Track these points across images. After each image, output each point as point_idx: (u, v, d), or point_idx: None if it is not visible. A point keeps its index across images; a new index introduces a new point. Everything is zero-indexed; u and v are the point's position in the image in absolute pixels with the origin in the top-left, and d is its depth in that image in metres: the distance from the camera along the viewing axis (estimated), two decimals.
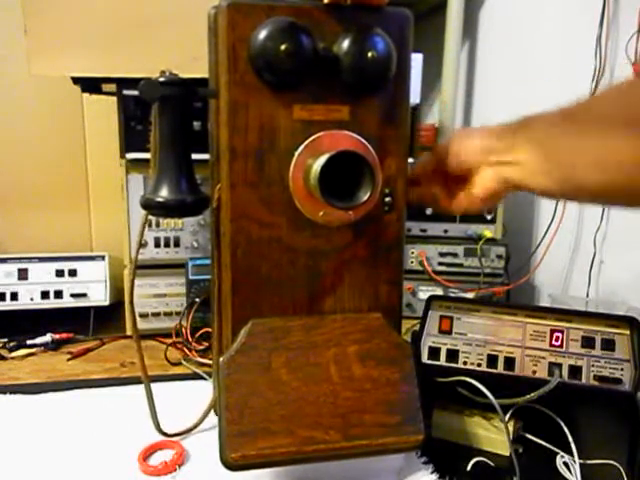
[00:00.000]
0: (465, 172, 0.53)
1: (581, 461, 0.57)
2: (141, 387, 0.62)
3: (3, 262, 0.95)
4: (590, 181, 0.43)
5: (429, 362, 0.62)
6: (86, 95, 1.01)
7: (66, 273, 0.96)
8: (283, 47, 0.46)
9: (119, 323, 0.94)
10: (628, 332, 0.58)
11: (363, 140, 0.50)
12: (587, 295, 0.98)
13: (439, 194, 0.56)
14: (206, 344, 0.85)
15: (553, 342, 0.60)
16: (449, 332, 0.63)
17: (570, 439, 0.59)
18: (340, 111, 0.50)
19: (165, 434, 0.61)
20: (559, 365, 0.59)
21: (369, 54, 0.47)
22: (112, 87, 0.90)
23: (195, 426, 0.62)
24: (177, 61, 0.58)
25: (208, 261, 0.62)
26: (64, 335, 0.90)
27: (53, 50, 0.81)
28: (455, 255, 1.02)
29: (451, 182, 0.55)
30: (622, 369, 0.57)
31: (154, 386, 0.62)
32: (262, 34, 0.46)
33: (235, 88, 0.47)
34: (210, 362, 0.78)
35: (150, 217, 0.60)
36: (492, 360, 0.61)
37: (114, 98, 0.90)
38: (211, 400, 0.62)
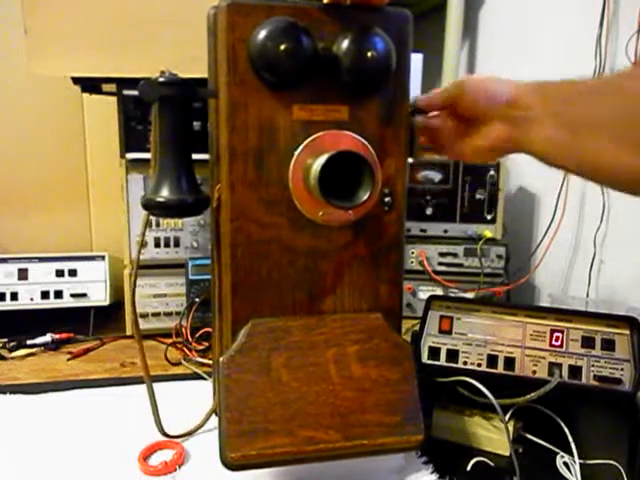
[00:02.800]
0: (477, 117, 0.51)
1: (581, 461, 0.57)
2: (141, 387, 0.62)
3: (3, 262, 0.95)
4: (601, 166, 0.43)
5: (429, 362, 0.62)
6: (86, 95, 1.01)
7: (66, 273, 0.96)
8: (283, 47, 0.46)
9: (119, 323, 0.94)
10: (628, 332, 0.58)
11: (363, 140, 0.50)
12: (587, 295, 0.98)
13: (442, 132, 0.55)
14: (206, 344, 0.85)
15: (553, 342, 0.60)
16: (449, 332, 0.63)
17: (570, 439, 0.59)
18: (340, 111, 0.50)
19: (168, 435, 0.60)
20: (559, 365, 0.59)
21: (369, 54, 0.47)
22: (112, 87, 0.89)
23: (197, 428, 0.62)
24: (177, 61, 0.58)
25: (208, 261, 0.62)
26: (64, 335, 0.90)
27: (53, 50, 0.81)
28: (455, 255, 1.02)
29: (458, 123, 0.53)
30: (622, 369, 0.57)
31: (154, 386, 0.62)
32: (262, 34, 0.46)
33: (235, 88, 0.47)
34: (210, 362, 0.78)
35: (150, 217, 0.60)
36: (492, 360, 0.61)
37: (114, 98, 0.89)
38: (213, 402, 0.62)
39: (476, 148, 0.52)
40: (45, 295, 0.95)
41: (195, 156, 0.51)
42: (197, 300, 0.89)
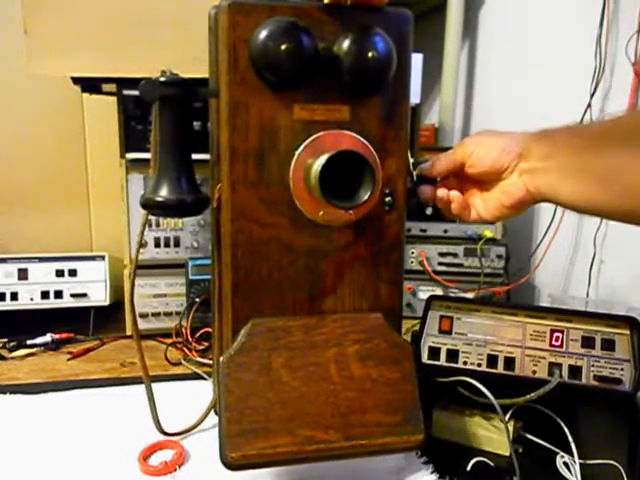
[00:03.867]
0: (489, 177, 0.51)
1: (581, 461, 0.57)
2: (141, 387, 0.62)
3: (3, 262, 0.95)
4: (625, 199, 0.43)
5: (429, 362, 0.62)
6: (86, 95, 1.01)
7: (66, 273, 0.96)
8: (284, 47, 0.46)
9: (119, 323, 0.94)
10: (628, 332, 0.58)
11: (363, 140, 0.50)
12: (587, 295, 0.98)
13: (454, 200, 0.54)
14: (206, 344, 0.85)
15: (553, 342, 0.60)
16: (449, 332, 0.63)
17: (570, 439, 0.59)
18: (340, 111, 0.50)
19: (166, 433, 0.61)
20: (559, 365, 0.59)
21: (369, 54, 0.47)
22: (112, 87, 0.89)
23: (195, 426, 0.62)
24: (177, 61, 0.58)
25: (208, 261, 0.62)
26: (64, 335, 0.90)
27: (53, 50, 0.81)
28: (455, 255, 1.02)
29: (468, 187, 0.53)
30: (622, 369, 0.57)
31: (154, 386, 0.62)
32: (263, 34, 0.46)
33: (236, 88, 0.48)
34: (210, 362, 0.78)
35: (150, 217, 0.60)
36: (492, 360, 0.61)
37: (114, 98, 0.89)
38: (211, 400, 0.62)
39: (495, 207, 0.52)
40: (45, 295, 0.95)
41: (195, 156, 0.51)
42: (197, 300, 0.89)
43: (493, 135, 0.52)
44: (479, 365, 0.61)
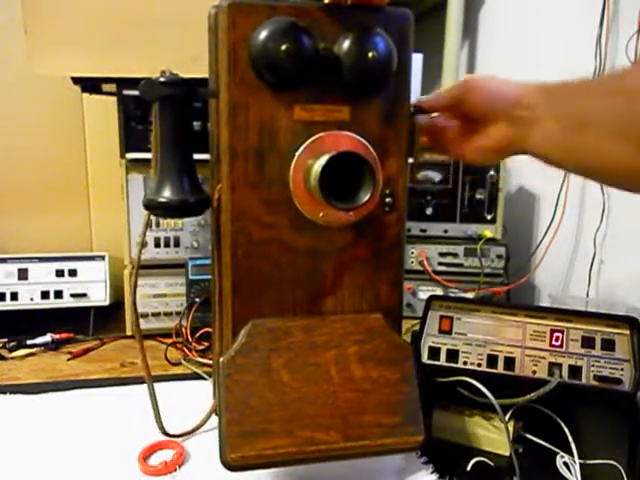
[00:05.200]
0: (481, 118, 0.51)
1: (581, 461, 0.57)
2: (141, 387, 0.62)
3: (3, 262, 0.95)
4: (599, 163, 0.44)
5: (429, 362, 0.62)
6: (86, 95, 1.01)
7: (66, 273, 0.96)
8: (284, 47, 0.46)
9: (119, 323, 0.94)
10: (628, 332, 0.58)
11: (363, 140, 0.50)
12: (587, 295, 0.98)
13: (445, 132, 0.54)
14: (206, 344, 0.85)
15: (553, 342, 0.60)
16: (449, 332, 0.63)
17: (570, 439, 0.59)
18: (341, 111, 0.50)
19: (168, 435, 0.60)
20: (559, 365, 0.59)
21: (369, 54, 0.47)
22: (112, 87, 0.89)
23: (198, 427, 0.62)
24: (177, 61, 0.58)
25: (208, 261, 0.62)
26: (64, 335, 0.90)
27: (53, 50, 0.81)
28: (455, 255, 1.02)
29: (463, 122, 0.53)
30: (622, 369, 0.57)
31: (154, 386, 0.62)
32: (263, 34, 0.46)
33: (235, 88, 0.47)
34: (210, 362, 0.78)
35: (150, 217, 0.60)
36: (492, 360, 0.61)
37: (114, 98, 0.89)
38: (213, 402, 0.62)
39: (479, 148, 0.52)
40: (45, 295, 0.95)
41: (195, 156, 0.51)
42: (197, 300, 0.89)
43: (493, 81, 0.52)
44: (479, 365, 0.61)
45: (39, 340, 0.88)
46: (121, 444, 0.60)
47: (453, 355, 0.62)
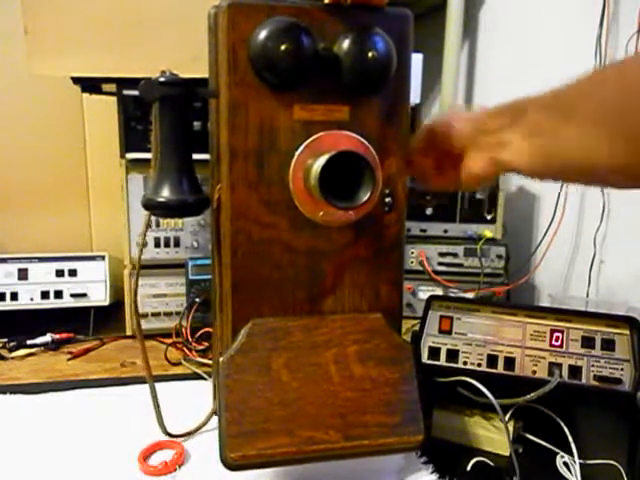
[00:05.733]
0: (457, 151, 0.52)
1: (581, 461, 0.57)
2: (141, 387, 0.62)
3: (3, 262, 0.95)
4: (575, 167, 0.44)
5: (429, 362, 0.62)
6: (86, 95, 1.01)
7: (66, 273, 0.96)
8: (283, 47, 0.46)
9: (119, 323, 0.94)
10: (628, 332, 0.58)
11: (363, 140, 0.50)
12: (587, 295, 0.98)
13: (431, 171, 0.55)
14: (206, 344, 0.85)
15: (553, 342, 0.60)
16: (449, 332, 0.63)
17: (570, 439, 0.59)
18: (340, 111, 0.50)
19: (170, 435, 0.60)
20: (559, 365, 0.59)
21: (369, 54, 0.47)
22: (112, 87, 0.90)
23: (199, 427, 0.62)
24: (177, 61, 0.58)
25: (208, 261, 0.62)
26: (64, 335, 0.90)
27: (53, 50, 0.81)
28: (455, 255, 1.02)
29: (443, 158, 0.54)
30: (622, 369, 0.57)
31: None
32: (262, 34, 0.46)
33: (235, 88, 0.47)
34: (210, 362, 0.78)
35: (151, 217, 0.60)
36: (492, 360, 0.61)
37: (114, 98, 0.90)
38: (214, 403, 0.62)
39: (466, 179, 0.53)
40: (45, 295, 0.95)
41: (195, 156, 0.51)
42: (197, 300, 0.89)
43: (455, 115, 0.54)
44: (479, 365, 0.61)
45: (39, 340, 0.88)
46: (121, 444, 0.60)
47: (453, 355, 0.62)
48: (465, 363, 0.62)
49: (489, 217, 1.03)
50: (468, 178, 0.53)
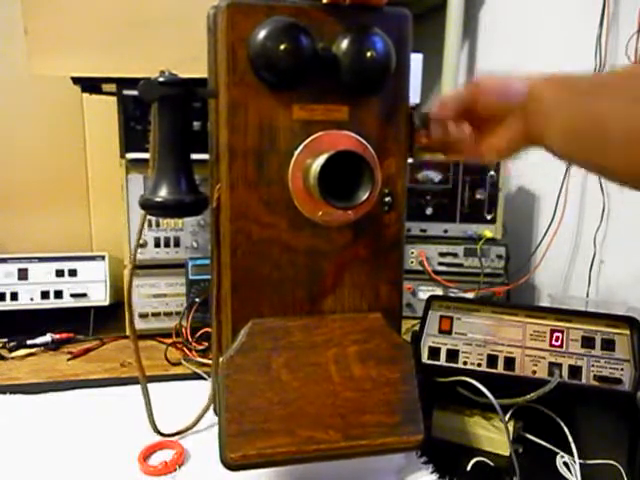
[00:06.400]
0: (493, 117, 0.50)
1: (581, 461, 0.57)
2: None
3: (3, 262, 0.95)
4: (614, 165, 0.42)
5: (429, 362, 0.62)
6: (86, 95, 1.01)
7: (66, 273, 0.96)
8: (282, 47, 0.46)
9: (119, 323, 0.94)
10: (628, 332, 0.58)
11: (362, 140, 0.50)
12: (587, 295, 0.98)
13: (457, 134, 0.53)
14: (206, 344, 0.85)
15: (553, 342, 0.60)
16: (449, 332, 0.63)
17: (570, 439, 0.59)
18: (339, 111, 0.50)
19: (162, 434, 0.60)
20: (559, 365, 0.59)
21: (368, 54, 0.47)
22: (112, 87, 0.90)
23: (192, 426, 0.62)
24: (177, 61, 0.58)
25: (208, 261, 0.62)
26: (64, 335, 0.90)
27: (53, 50, 0.81)
28: (455, 255, 1.02)
29: (474, 124, 0.52)
30: (622, 369, 0.57)
31: (154, 386, 0.62)
32: (261, 34, 0.46)
33: (234, 88, 0.47)
34: (210, 362, 0.78)
35: (150, 217, 0.60)
36: (492, 360, 0.61)
37: (114, 98, 0.90)
38: (207, 400, 0.62)
39: (493, 147, 0.51)
40: (45, 295, 0.95)
41: (195, 156, 0.51)
42: (197, 300, 0.89)
43: (502, 78, 0.51)
44: (479, 365, 0.61)
45: (39, 340, 0.88)
46: (121, 444, 0.60)
47: (453, 355, 0.62)
48: (465, 363, 0.62)
49: (489, 217, 1.03)
50: (500, 146, 0.50)
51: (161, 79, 0.47)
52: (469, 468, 0.58)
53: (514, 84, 0.50)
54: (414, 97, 1.01)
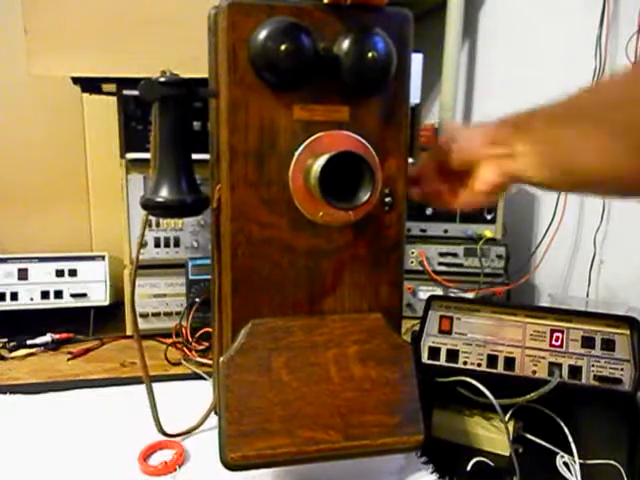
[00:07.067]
0: (467, 168, 0.52)
1: (581, 461, 0.57)
2: (141, 387, 0.62)
3: (3, 262, 0.95)
4: (587, 174, 0.44)
5: (429, 362, 0.62)
6: (86, 95, 1.01)
7: (66, 273, 0.96)
8: (283, 47, 0.46)
9: (119, 323, 0.94)
10: (628, 332, 0.58)
11: (363, 140, 0.50)
12: (587, 295, 0.98)
13: (440, 191, 0.55)
14: (206, 344, 0.85)
15: (553, 342, 0.60)
16: (449, 332, 0.63)
17: (570, 439, 0.59)
18: (340, 111, 0.50)
19: (166, 434, 0.61)
20: (559, 365, 0.59)
21: (369, 54, 0.47)
22: (112, 87, 0.89)
23: (196, 427, 0.62)
24: (177, 61, 0.58)
25: (208, 261, 0.62)
26: (64, 335, 0.90)
27: (53, 50, 0.81)
28: (455, 255, 1.02)
29: (453, 178, 0.54)
30: (622, 369, 0.57)
31: (154, 386, 0.62)
32: (262, 34, 0.46)
33: (235, 88, 0.47)
34: (210, 362, 0.78)
35: (150, 217, 0.60)
36: (492, 360, 0.61)
37: (114, 98, 0.89)
38: (212, 402, 0.62)
39: (476, 194, 0.53)
40: (45, 295, 0.95)
41: (195, 156, 0.51)
42: (197, 300, 0.89)
43: (465, 129, 0.54)
44: (479, 365, 0.61)
45: (39, 340, 0.88)
46: (121, 444, 0.60)
47: (453, 355, 0.62)
48: (465, 363, 0.62)
49: (489, 217, 1.03)
50: (479, 192, 0.52)
51: (162, 79, 0.47)
52: (469, 468, 0.58)
53: (473, 134, 0.52)
54: (414, 97, 1.01)
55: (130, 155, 0.90)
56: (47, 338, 0.88)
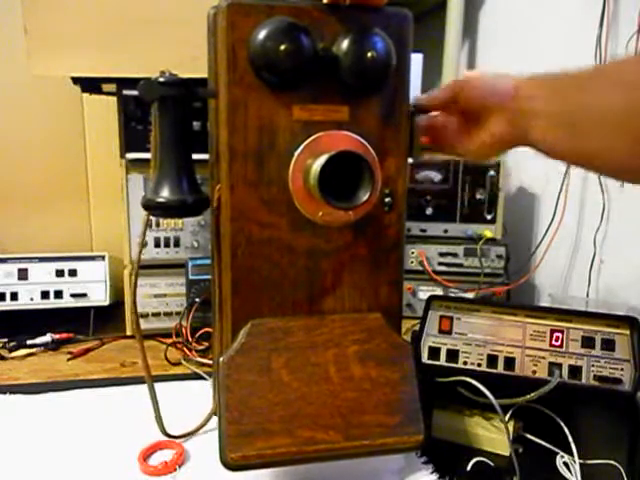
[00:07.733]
0: (479, 113, 0.51)
1: (581, 461, 0.57)
2: (141, 387, 0.62)
3: (3, 262, 0.95)
4: (599, 157, 0.44)
5: (429, 362, 0.62)
6: (86, 95, 1.01)
7: (66, 273, 0.96)
8: (283, 47, 0.46)
9: (119, 323, 0.94)
10: (628, 332, 0.58)
11: (363, 140, 0.50)
12: (587, 295, 0.98)
13: (445, 130, 0.54)
14: (206, 344, 0.85)
15: (553, 342, 0.60)
16: (449, 332, 0.63)
17: (570, 439, 0.59)
18: (340, 111, 0.50)
19: (169, 435, 0.60)
20: (559, 365, 0.59)
21: (369, 54, 0.47)
22: (112, 87, 0.90)
23: (199, 428, 0.62)
24: (177, 61, 0.58)
25: (208, 261, 0.62)
26: (64, 335, 0.90)
27: (53, 50, 0.81)
28: (455, 255, 1.02)
29: (460, 120, 0.53)
30: (622, 369, 0.57)
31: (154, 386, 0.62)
32: (262, 34, 0.46)
33: (235, 88, 0.47)
34: (210, 362, 0.78)
35: (150, 217, 0.60)
36: (492, 360, 0.61)
37: (114, 98, 0.90)
38: (213, 403, 0.62)
39: (479, 144, 0.52)
40: (45, 295, 0.95)
41: (195, 156, 0.51)
42: (197, 300, 0.89)
43: (490, 75, 0.52)
44: (479, 365, 0.61)
45: (39, 340, 0.88)
46: (121, 444, 0.60)
47: (453, 355, 0.62)
48: (465, 363, 0.62)
49: (489, 217, 1.03)
50: (486, 144, 0.51)
51: (161, 79, 0.47)
52: (469, 468, 0.58)
53: (499, 83, 0.50)
54: (413, 97, 1.01)
55: (130, 155, 0.90)
56: (47, 338, 0.88)
